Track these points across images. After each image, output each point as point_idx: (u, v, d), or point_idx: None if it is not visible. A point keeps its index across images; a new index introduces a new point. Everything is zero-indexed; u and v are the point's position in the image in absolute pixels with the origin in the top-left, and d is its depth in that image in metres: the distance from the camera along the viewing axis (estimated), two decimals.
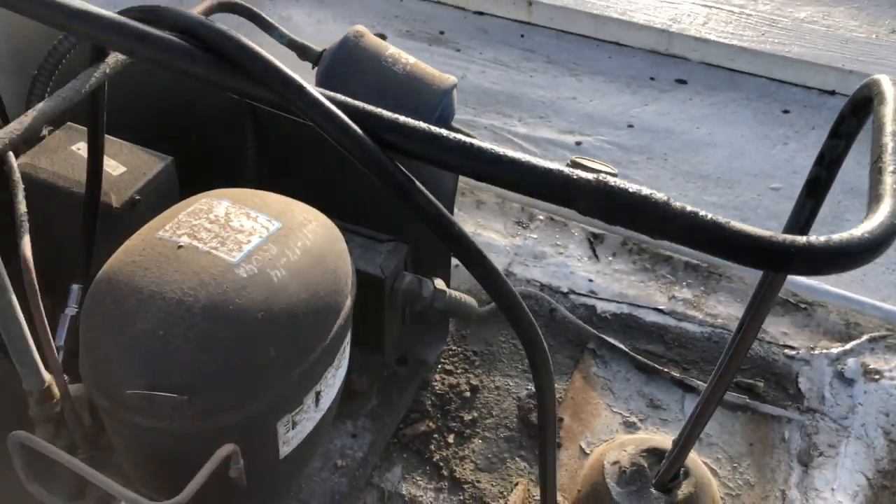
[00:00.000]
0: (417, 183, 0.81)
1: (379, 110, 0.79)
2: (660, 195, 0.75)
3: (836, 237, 0.76)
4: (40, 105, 1.03)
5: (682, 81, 3.71)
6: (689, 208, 0.74)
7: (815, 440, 2.21)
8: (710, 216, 0.74)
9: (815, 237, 0.76)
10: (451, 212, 2.05)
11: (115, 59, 1.16)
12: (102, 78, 1.10)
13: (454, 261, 2.34)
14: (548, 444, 1.21)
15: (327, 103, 0.78)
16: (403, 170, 0.80)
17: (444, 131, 0.77)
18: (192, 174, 2.01)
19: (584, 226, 2.81)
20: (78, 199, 1.86)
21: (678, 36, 3.82)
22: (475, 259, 0.86)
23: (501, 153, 0.77)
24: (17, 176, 1.36)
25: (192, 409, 1.38)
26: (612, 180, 0.76)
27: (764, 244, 0.72)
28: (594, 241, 2.78)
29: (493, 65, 3.76)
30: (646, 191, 0.75)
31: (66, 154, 1.96)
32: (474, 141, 0.77)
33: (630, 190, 0.75)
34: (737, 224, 0.74)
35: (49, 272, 1.56)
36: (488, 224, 2.82)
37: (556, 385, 2.31)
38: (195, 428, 1.41)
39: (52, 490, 1.56)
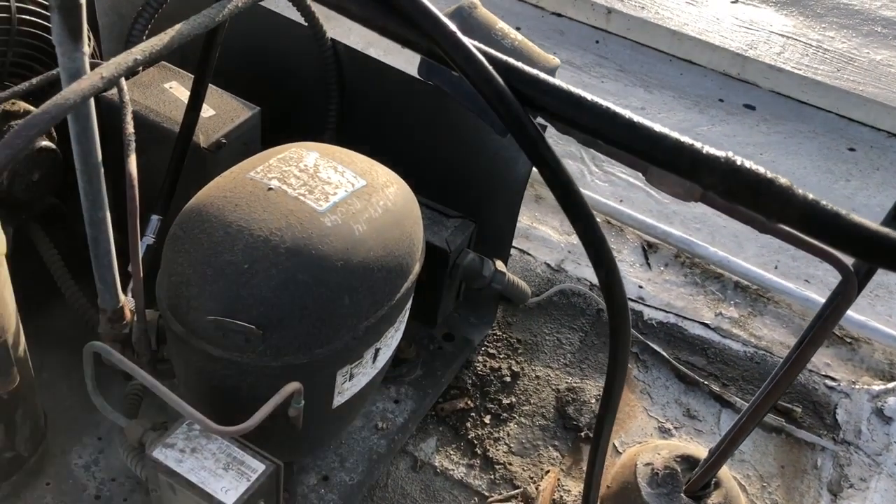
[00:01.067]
0: (546, 138, 0.84)
1: (521, 65, 0.83)
2: (784, 179, 0.78)
3: None
4: (179, 26, 1.07)
5: (750, 107, 3.71)
6: (810, 196, 0.77)
7: (847, 472, 2.22)
8: (830, 206, 0.77)
9: None
10: (521, 197, 2.09)
11: None
12: (234, 10, 1.15)
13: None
14: (606, 421, 1.23)
15: (475, 52, 0.81)
16: (535, 124, 0.83)
17: (582, 92, 0.81)
18: (273, 128, 2.06)
19: (640, 233, 2.83)
20: (165, 134, 1.91)
21: (752, 61, 3.82)
22: (587, 223, 0.89)
23: (637, 120, 0.80)
24: (127, 97, 1.40)
25: (264, 344, 1.43)
26: (739, 159, 0.79)
27: (883, 239, 0.75)
28: (648, 249, 2.80)
29: (565, 66, 3.78)
30: (771, 174, 0.78)
31: (158, 90, 2.02)
32: (610, 105, 0.81)
33: (756, 170, 0.78)
34: (856, 216, 0.77)
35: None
36: (545, 219, 2.85)
37: (595, 383, 2.34)
38: (263, 363, 1.46)
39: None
